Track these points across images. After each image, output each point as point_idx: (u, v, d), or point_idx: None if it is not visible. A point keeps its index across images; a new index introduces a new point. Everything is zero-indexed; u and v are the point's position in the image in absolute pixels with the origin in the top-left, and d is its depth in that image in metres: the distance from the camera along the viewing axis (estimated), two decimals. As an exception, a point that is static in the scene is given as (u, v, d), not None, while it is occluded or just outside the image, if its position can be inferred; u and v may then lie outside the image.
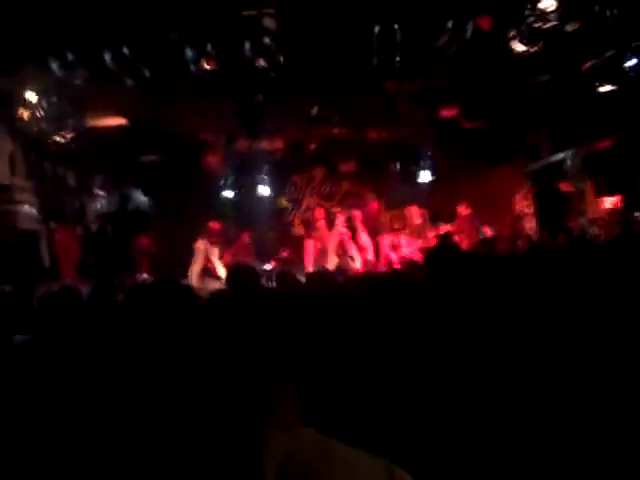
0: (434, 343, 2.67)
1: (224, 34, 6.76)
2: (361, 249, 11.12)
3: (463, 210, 11.96)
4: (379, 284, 3.21)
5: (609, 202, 10.88)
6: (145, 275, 11.33)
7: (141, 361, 2.40)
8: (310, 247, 11.45)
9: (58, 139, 9.00)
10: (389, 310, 2.90)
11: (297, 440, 1.55)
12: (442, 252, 3.74)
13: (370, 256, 10.84)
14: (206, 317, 2.37)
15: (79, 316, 3.74)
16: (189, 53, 6.84)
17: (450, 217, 12.09)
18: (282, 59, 7.09)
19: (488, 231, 11.54)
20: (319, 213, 12.15)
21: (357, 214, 11.55)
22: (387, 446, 2.05)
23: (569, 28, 6.57)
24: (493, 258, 5.26)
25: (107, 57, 6.84)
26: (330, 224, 11.53)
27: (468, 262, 3.51)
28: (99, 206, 12.26)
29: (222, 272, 10.55)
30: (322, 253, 11.01)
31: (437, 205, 12.70)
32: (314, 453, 1.52)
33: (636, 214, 9.57)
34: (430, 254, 3.73)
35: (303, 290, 4.80)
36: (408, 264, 9.42)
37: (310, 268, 10.98)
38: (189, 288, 3.34)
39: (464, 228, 11.65)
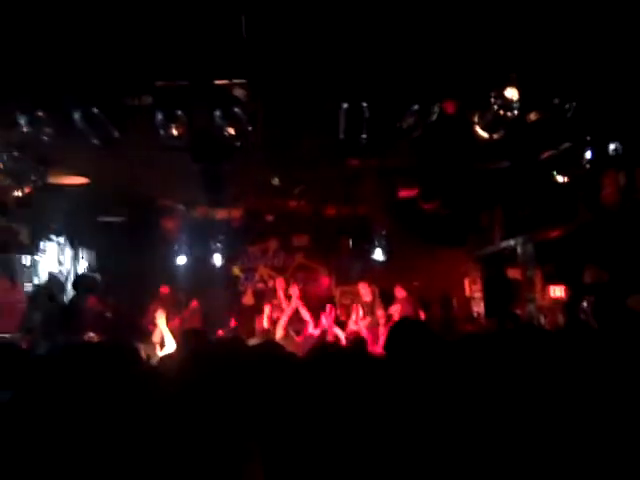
0: (390, 420, 2.69)
1: (195, 101, 6.85)
2: (302, 323, 11.07)
3: (398, 293, 12.06)
4: (336, 359, 3.22)
5: (555, 291, 11.09)
6: (92, 334, 11.15)
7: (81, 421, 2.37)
8: (267, 313, 11.36)
9: (16, 193, 8.90)
10: (346, 384, 2.91)
11: None
12: (407, 329, 3.74)
13: (312, 330, 10.80)
14: (164, 382, 2.37)
15: (24, 373, 3.64)
16: (159, 118, 6.90)
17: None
18: (250, 128, 7.18)
19: (422, 314, 11.65)
20: (279, 284, 12.11)
21: (295, 289, 11.49)
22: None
23: (530, 118, 6.84)
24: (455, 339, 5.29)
25: (76, 116, 6.86)
26: (287, 297, 11.49)
27: (432, 341, 3.52)
28: (51, 264, 12.09)
29: (168, 338, 10.44)
30: (275, 323, 10.95)
31: (388, 284, 12.82)
32: None
33: (583, 304, 9.74)
34: (394, 330, 3.73)
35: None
36: (355, 340, 9.44)
37: (258, 335, 10.90)
38: (133, 351, 3.30)
39: (406, 310, 11.74)
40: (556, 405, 2.91)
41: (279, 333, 10.24)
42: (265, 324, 11.18)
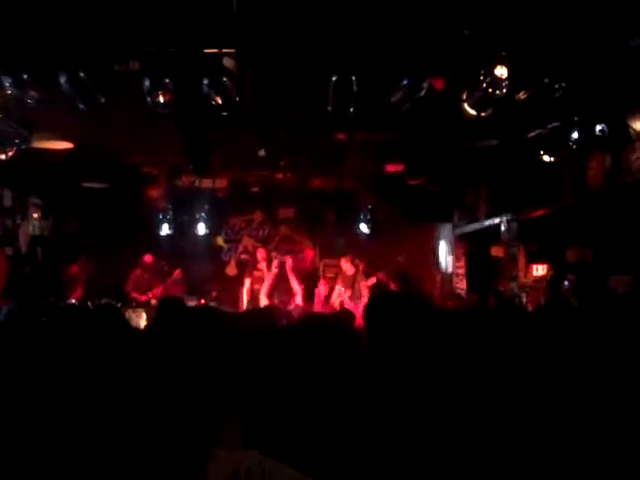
0: (372, 390, 2.70)
1: (184, 69, 6.79)
2: (290, 294, 11.19)
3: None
4: (322, 325, 3.22)
5: (538, 269, 11.16)
6: (73, 301, 11.16)
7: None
8: (247, 286, 11.47)
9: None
10: (328, 351, 2.92)
11: (242, 458, 1.76)
12: (385, 298, 3.74)
13: (298, 301, 10.90)
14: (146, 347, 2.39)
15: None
16: (147, 84, 6.83)
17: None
18: (237, 99, 7.13)
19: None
20: (260, 254, 12.16)
21: (288, 260, 11.65)
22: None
23: (519, 97, 6.83)
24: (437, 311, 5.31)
25: (62, 79, 6.77)
26: (270, 267, 11.56)
27: (412, 310, 3.51)
28: (33, 228, 12.03)
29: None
30: (257, 293, 11.05)
31: (373, 258, 12.86)
32: (257, 469, 1.72)
33: (565, 283, 9.81)
34: (372, 299, 3.71)
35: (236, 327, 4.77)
36: (339, 312, 9.52)
37: (243, 307, 11.03)
38: (118, 314, 3.30)
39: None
40: (532, 382, 2.93)
41: (262, 302, 10.32)
42: (245, 296, 11.30)
